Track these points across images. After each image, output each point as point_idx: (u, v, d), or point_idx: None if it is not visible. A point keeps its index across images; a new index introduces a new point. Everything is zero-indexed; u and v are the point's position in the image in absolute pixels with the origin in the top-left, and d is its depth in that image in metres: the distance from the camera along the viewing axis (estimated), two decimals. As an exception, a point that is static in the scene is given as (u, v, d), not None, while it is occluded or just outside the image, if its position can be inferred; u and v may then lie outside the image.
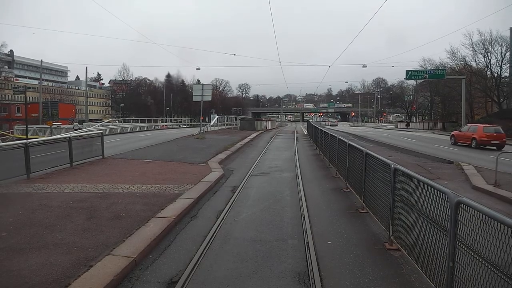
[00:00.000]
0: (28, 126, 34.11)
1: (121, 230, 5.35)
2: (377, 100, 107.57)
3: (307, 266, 4.41)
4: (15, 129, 33.55)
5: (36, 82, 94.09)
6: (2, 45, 58.65)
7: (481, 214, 2.75)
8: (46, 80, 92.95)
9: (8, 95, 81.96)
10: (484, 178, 9.66)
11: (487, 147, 19.39)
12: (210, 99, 23.38)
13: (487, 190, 8.55)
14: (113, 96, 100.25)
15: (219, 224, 6.03)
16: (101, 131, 14.13)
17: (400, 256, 4.68)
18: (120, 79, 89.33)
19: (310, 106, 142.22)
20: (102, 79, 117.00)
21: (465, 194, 8.02)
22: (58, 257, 4.35)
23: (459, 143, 21.26)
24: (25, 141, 9.34)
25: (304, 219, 6.34)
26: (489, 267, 2.65)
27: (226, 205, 7.27)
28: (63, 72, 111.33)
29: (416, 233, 4.04)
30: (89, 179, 9.09)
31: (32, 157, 9.13)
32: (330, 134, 12.46)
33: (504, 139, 19.62)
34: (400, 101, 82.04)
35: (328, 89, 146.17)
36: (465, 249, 2.96)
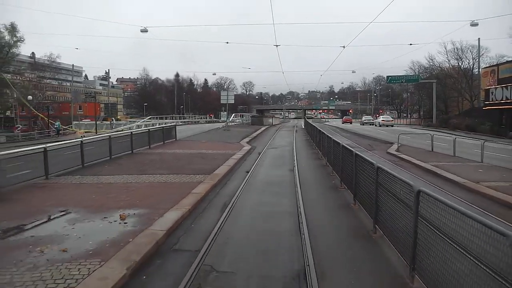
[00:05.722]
0: (79, 122, 42.28)
1: (220, 161, 13.20)
2: (376, 97, 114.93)
3: (294, 179, 12.24)
4: (73, 124, 41.67)
5: (54, 82, 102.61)
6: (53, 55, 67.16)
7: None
8: (64, 80, 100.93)
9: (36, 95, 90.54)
10: (397, 149, 17.40)
11: (347, 124, 54.67)
12: (233, 102, 31.33)
13: (391, 153, 16.36)
14: (125, 95, 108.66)
15: (256, 162, 13.87)
16: (175, 123, 21.98)
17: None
18: (137, 78, 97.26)
19: (312, 103, 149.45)
20: (110, 78, 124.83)
21: (380, 155, 15.82)
22: (204, 166, 12.18)
23: (345, 123, 56.44)
24: (148, 128, 17.24)
25: (294, 161, 14.16)
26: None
27: (257, 158, 15.09)
28: (78, 72, 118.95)
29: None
30: (182, 148, 17.00)
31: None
32: (315, 126, 20.27)
33: (351, 121, 63.28)
34: (399, 98, 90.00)
35: (330, 87, 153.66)
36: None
